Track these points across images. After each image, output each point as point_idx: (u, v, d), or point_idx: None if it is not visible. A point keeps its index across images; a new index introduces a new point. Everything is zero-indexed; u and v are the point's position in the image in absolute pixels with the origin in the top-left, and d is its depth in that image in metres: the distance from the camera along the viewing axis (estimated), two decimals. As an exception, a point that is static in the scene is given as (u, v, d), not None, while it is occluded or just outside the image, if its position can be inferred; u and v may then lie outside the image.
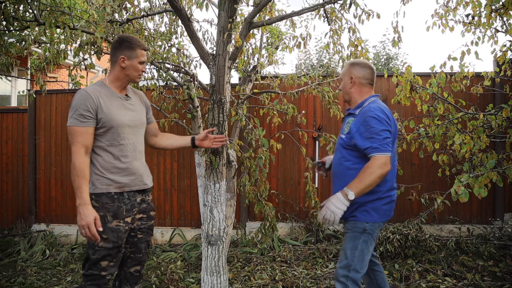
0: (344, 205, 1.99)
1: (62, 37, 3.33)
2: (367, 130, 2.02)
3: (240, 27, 2.64)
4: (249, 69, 3.97)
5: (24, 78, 5.97)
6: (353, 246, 2.09)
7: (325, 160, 2.55)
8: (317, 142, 4.46)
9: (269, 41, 4.32)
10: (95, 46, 3.26)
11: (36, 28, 3.48)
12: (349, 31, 3.05)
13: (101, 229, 1.91)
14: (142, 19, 3.60)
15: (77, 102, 1.97)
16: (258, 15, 2.83)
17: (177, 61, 3.57)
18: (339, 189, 2.06)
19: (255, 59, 3.94)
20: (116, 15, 3.38)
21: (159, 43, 3.77)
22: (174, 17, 3.72)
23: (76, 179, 1.91)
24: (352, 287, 2.04)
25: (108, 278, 2.00)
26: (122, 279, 2.17)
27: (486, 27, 3.20)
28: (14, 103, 8.15)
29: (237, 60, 3.61)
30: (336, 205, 2.00)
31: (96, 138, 2.01)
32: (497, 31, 3.27)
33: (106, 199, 1.99)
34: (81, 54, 3.30)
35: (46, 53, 3.63)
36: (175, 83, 3.82)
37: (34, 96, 4.87)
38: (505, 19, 3.17)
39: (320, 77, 4.09)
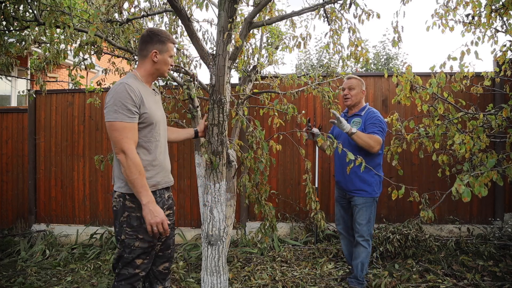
0: (346, 126, 2.85)
1: (62, 37, 3.33)
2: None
3: (240, 27, 2.64)
4: (249, 69, 3.97)
5: (24, 78, 5.97)
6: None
7: (315, 131, 3.23)
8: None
9: (269, 41, 4.32)
10: (95, 46, 3.26)
11: (36, 28, 3.47)
12: (349, 31, 3.04)
13: (169, 222, 2.00)
14: (142, 19, 3.60)
15: (123, 96, 1.85)
16: (258, 15, 2.83)
17: (177, 61, 3.56)
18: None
19: (255, 59, 3.93)
20: (116, 15, 3.38)
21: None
22: (174, 17, 3.72)
23: (138, 177, 1.83)
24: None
25: (141, 275, 1.98)
26: (152, 278, 2.16)
27: (486, 27, 3.20)
28: (14, 103, 8.15)
29: (237, 60, 3.61)
30: (342, 121, 2.83)
31: None
32: (497, 31, 3.27)
33: None
34: (81, 54, 3.30)
35: (46, 53, 3.62)
36: (175, 83, 3.82)
37: (34, 96, 4.88)
38: (505, 19, 3.16)
39: (320, 77, 4.09)
